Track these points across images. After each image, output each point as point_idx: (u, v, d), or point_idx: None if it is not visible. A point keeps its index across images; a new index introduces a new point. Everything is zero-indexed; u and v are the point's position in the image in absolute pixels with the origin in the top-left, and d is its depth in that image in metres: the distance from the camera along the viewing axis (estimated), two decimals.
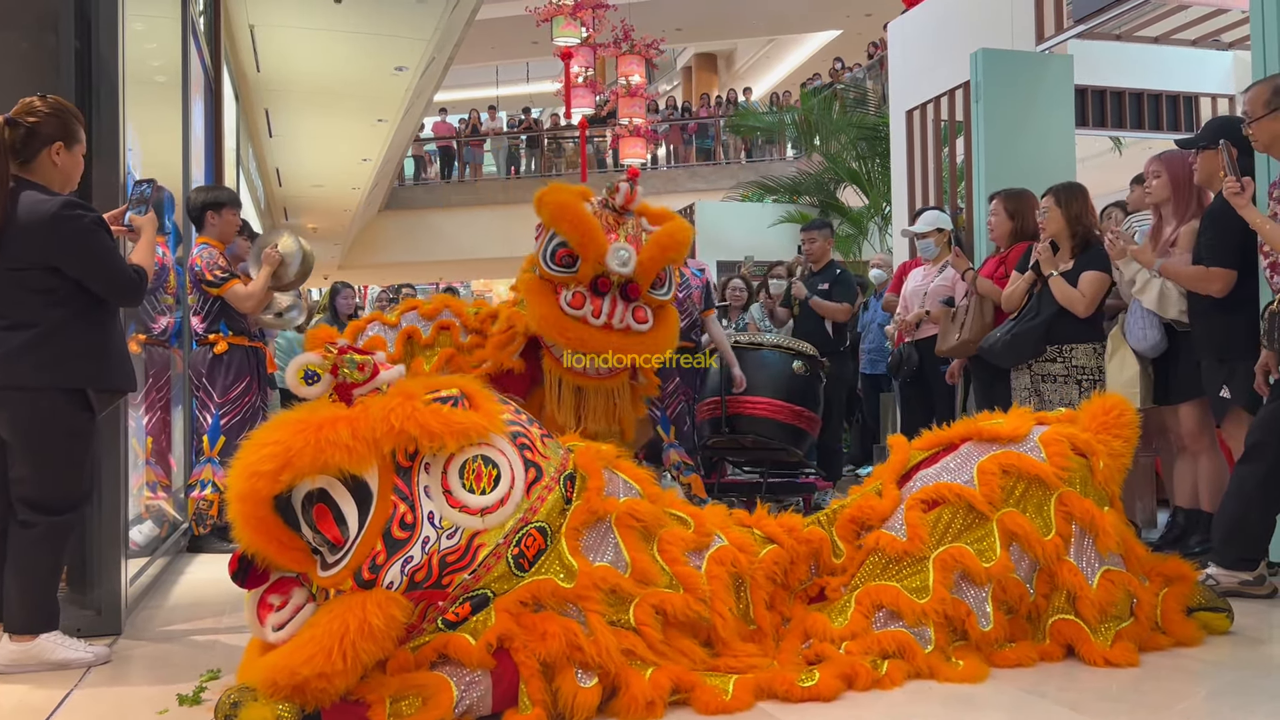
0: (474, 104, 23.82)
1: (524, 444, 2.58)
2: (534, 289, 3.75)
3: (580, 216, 3.69)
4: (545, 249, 3.74)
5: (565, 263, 3.70)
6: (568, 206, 3.71)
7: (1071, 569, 2.80)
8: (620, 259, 3.67)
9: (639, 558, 2.59)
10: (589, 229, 3.69)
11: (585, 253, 3.65)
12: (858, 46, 19.62)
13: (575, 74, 15.48)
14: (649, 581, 2.56)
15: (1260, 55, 4.00)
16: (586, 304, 3.68)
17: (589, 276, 3.69)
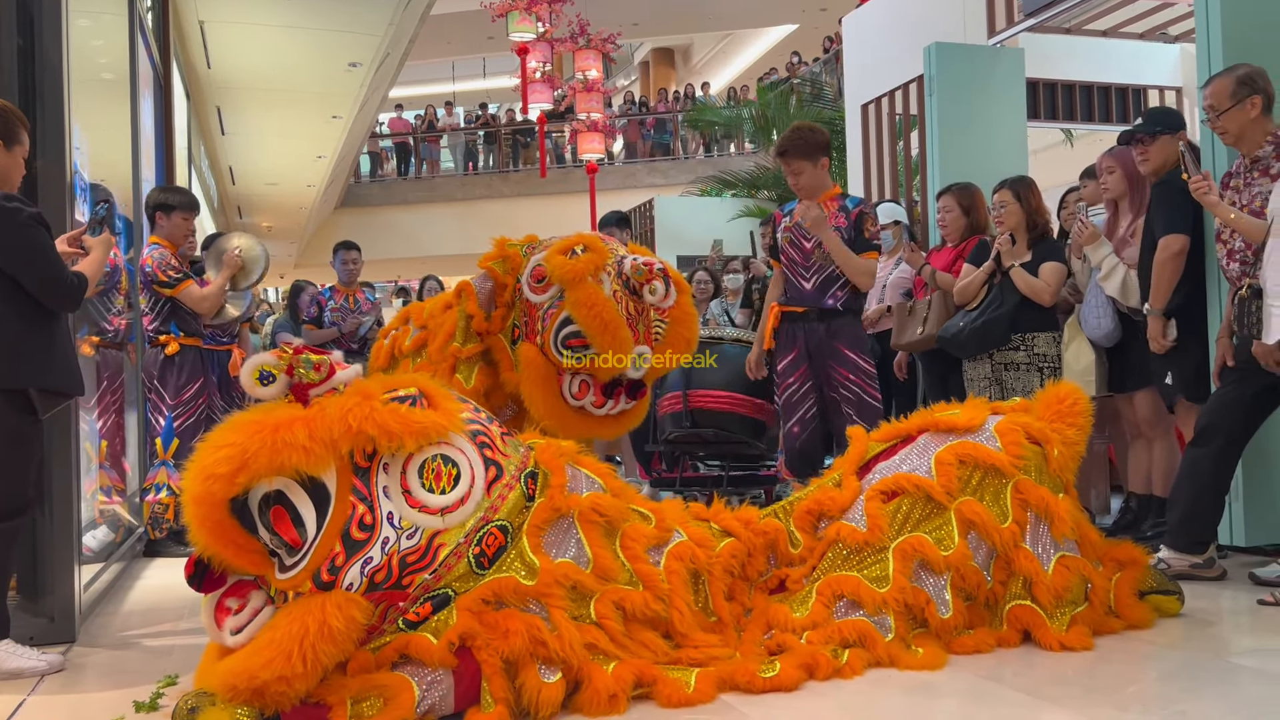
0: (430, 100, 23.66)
1: (484, 442, 2.57)
2: (534, 370, 3.45)
3: (612, 319, 3.31)
4: (557, 333, 3.40)
5: (575, 348, 3.38)
6: (597, 302, 3.31)
7: (1028, 555, 2.84)
8: (638, 366, 3.42)
9: (601, 554, 2.59)
10: (619, 335, 3.33)
11: (610, 370, 3.37)
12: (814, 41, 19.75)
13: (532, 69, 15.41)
14: (610, 578, 2.57)
15: (1205, 48, 4.08)
16: (589, 395, 3.47)
17: (604, 378, 3.44)
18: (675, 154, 20.69)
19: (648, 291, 3.38)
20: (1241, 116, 3.48)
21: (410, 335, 4.11)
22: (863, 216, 4.24)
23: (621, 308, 3.36)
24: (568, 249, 3.42)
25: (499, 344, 3.62)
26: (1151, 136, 3.94)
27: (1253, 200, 3.48)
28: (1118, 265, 4.14)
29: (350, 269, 6.62)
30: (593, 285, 3.33)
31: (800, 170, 4.26)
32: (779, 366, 4.40)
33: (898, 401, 5.49)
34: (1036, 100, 6.73)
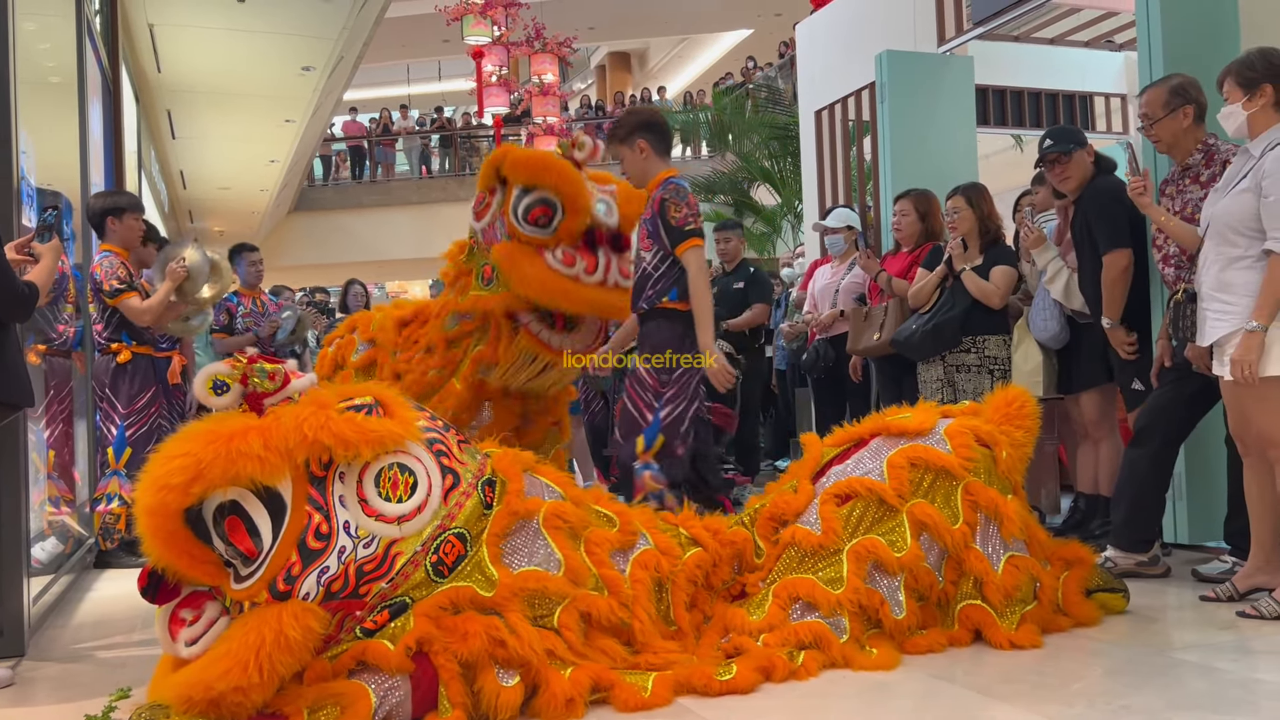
0: (385, 103, 23.48)
1: (441, 450, 2.57)
2: (516, 254, 3.53)
3: (565, 168, 3.49)
4: (517, 209, 3.52)
5: (541, 222, 3.51)
6: (548, 160, 3.52)
7: (978, 556, 2.90)
8: (604, 209, 3.53)
9: (571, 556, 2.61)
10: (575, 180, 3.49)
11: (576, 204, 3.48)
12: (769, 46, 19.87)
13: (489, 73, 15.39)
14: (581, 581, 2.58)
15: (1146, 56, 4.18)
16: (578, 262, 3.53)
17: (578, 231, 3.53)
18: None
19: (576, 151, 3.62)
20: (1174, 125, 3.57)
21: (357, 348, 4.12)
22: (664, 205, 3.69)
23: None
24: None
25: (481, 301, 3.70)
26: (1067, 155, 4.01)
27: (1185, 207, 3.57)
28: (1062, 269, 4.22)
29: (253, 272, 6.51)
30: (542, 152, 3.59)
31: (620, 157, 3.92)
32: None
33: (852, 404, 5.56)
34: (986, 107, 6.84)
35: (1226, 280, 3.14)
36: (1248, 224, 3.08)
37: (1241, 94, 3.15)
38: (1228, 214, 3.14)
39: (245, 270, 6.44)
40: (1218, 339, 3.16)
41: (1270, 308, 3.00)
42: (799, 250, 8.20)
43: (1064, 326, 4.30)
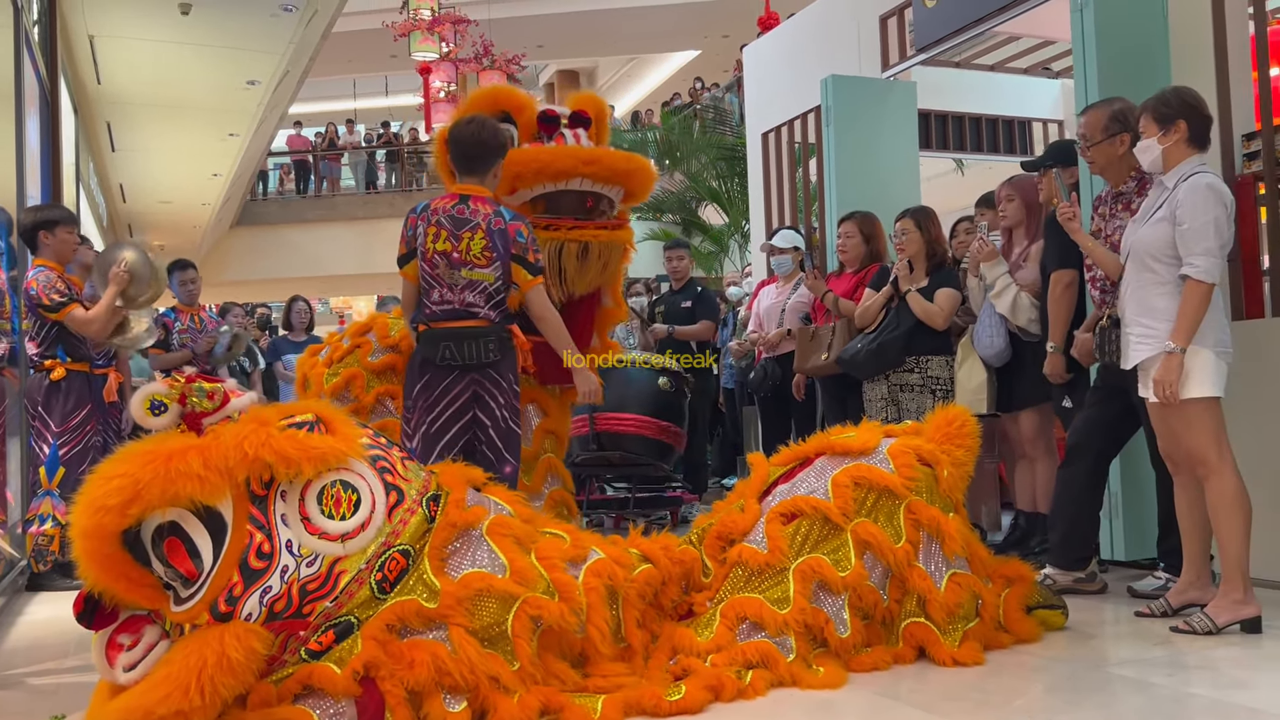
0: (331, 117, 23.27)
1: (384, 467, 2.55)
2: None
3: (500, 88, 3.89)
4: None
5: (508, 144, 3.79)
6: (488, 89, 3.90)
7: (921, 574, 2.94)
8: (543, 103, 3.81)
9: (516, 559, 2.58)
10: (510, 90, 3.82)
11: (520, 104, 3.79)
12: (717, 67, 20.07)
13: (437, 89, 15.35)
14: (528, 583, 2.55)
15: (1082, 83, 4.30)
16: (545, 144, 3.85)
17: (533, 124, 3.75)
18: None
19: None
20: (1110, 150, 3.67)
21: (374, 351, 4.12)
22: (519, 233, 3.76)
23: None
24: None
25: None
26: (1043, 170, 4.13)
27: (1114, 233, 3.66)
28: (1010, 285, 4.32)
29: (189, 289, 6.36)
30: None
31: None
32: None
33: (798, 423, 5.60)
34: (928, 131, 6.97)
35: (1147, 305, 3.24)
36: (1165, 252, 3.19)
37: (1157, 129, 3.26)
38: (1146, 243, 3.25)
39: (179, 288, 6.32)
40: (1140, 362, 3.26)
41: (1187, 330, 3.10)
42: (746, 270, 8.27)
43: (1008, 344, 4.39)
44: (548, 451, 4.20)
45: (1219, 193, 3.15)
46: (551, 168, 3.84)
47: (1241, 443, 3.76)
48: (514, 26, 18.73)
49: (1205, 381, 3.14)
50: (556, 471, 4.20)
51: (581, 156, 3.89)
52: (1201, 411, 3.15)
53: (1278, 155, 3.87)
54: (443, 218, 3.60)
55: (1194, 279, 3.10)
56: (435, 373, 3.58)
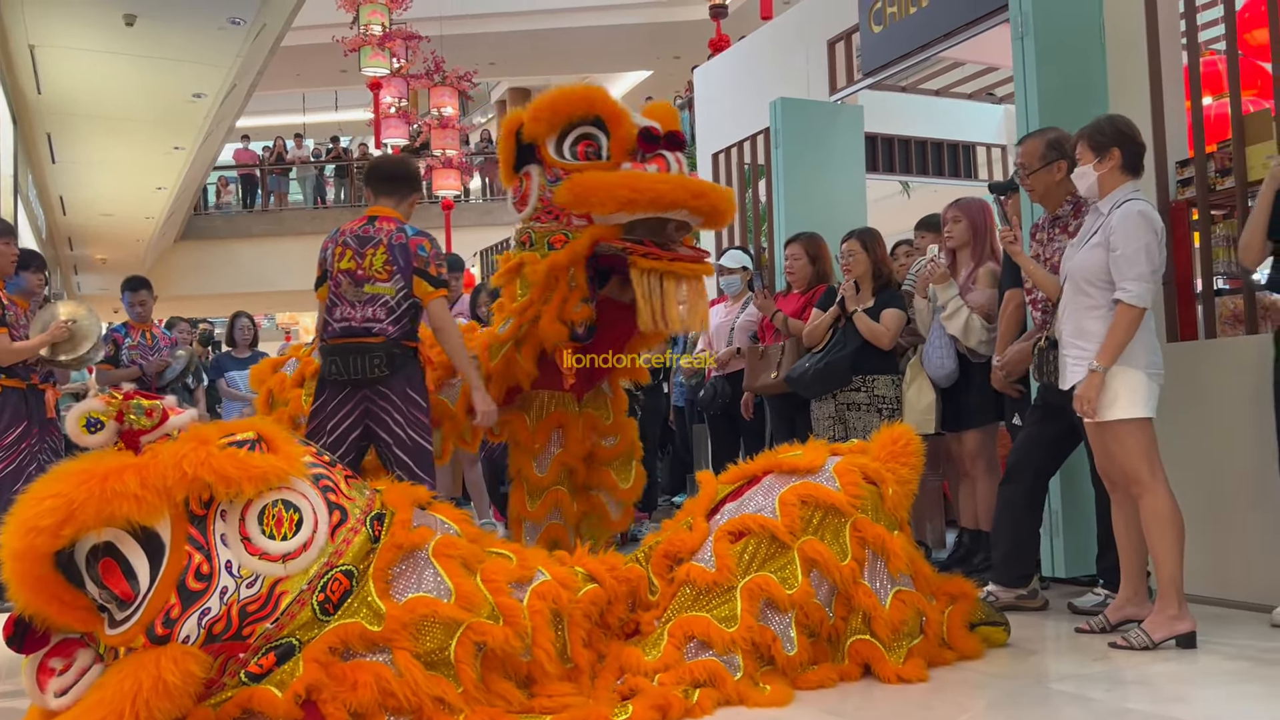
0: (279, 131, 23.03)
1: (327, 486, 2.52)
2: (585, 178, 3.56)
3: (579, 92, 3.61)
4: (563, 147, 3.61)
5: (591, 153, 3.59)
6: (559, 95, 3.60)
7: (866, 591, 2.96)
8: (641, 118, 3.60)
9: (462, 583, 2.56)
10: (597, 94, 3.59)
11: (613, 115, 3.56)
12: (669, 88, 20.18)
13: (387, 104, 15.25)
14: (473, 607, 2.53)
15: (1023, 109, 4.39)
16: (649, 169, 3.60)
17: (630, 141, 3.57)
18: None
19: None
20: (1048, 178, 3.77)
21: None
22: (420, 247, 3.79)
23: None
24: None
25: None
26: (1006, 193, 4.23)
27: (1053, 255, 3.76)
28: (962, 307, 4.39)
29: (138, 310, 6.27)
30: (527, 106, 3.75)
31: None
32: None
33: (747, 442, 5.63)
34: (875, 154, 7.08)
35: (1083, 328, 3.32)
36: (1100, 276, 3.27)
37: (1093, 156, 3.35)
38: (1082, 267, 3.33)
39: (130, 307, 6.22)
40: (1075, 383, 3.33)
41: (1112, 351, 3.19)
42: None
43: (957, 365, 4.46)
44: (560, 484, 4.03)
45: (1150, 219, 3.24)
46: (664, 199, 3.58)
47: (1176, 461, 3.85)
48: (466, 43, 18.72)
49: (1137, 402, 3.21)
50: (563, 507, 4.03)
51: (691, 189, 3.63)
52: (1134, 431, 3.22)
53: (1210, 182, 3.99)
54: (349, 238, 3.69)
55: (1125, 303, 3.18)
56: (329, 389, 3.64)
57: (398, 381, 3.62)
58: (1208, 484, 3.83)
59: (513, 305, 3.78)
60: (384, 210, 3.74)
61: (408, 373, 3.65)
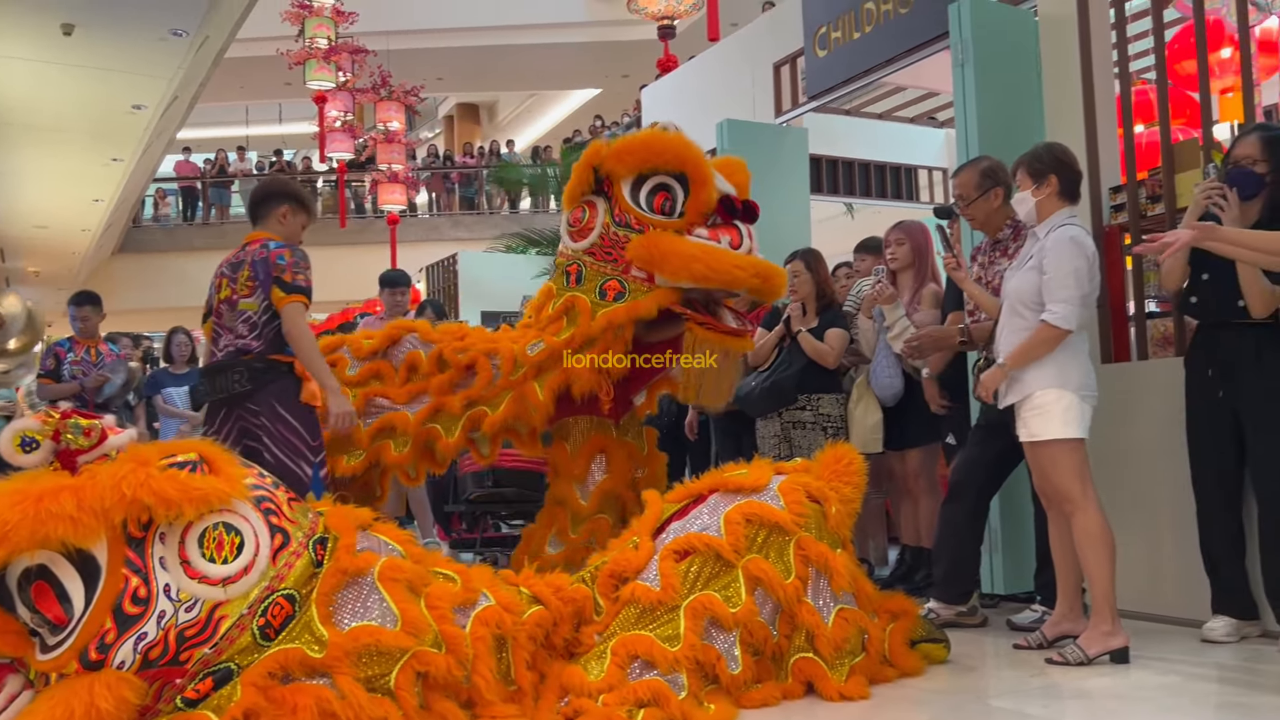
0: (221, 143, 22.71)
1: (269, 509, 2.49)
2: (658, 239, 3.49)
3: (675, 142, 3.51)
4: (640, 196, 3.54)
5: (666, 208, 3.52)
6: (653, 140, 3.51)
7: (810, 609, 2.99)
8: (719, 179, 3.52)
9: (408, 609, 2.54)
10: (690, 150, 3.50)
11: (699, 175, 3.49)
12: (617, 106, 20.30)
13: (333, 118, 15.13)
14: (420, 635, 2.51)
15: (963, 133, 4.50)
16: (722, 238, 3.53)
17: (709, 205, 3.49)
18: (480, 209, 20.68)
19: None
20: (986, 206, 3.88)
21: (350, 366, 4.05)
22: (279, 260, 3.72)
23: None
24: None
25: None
26: (949, 217, 4.32)
27: (994, 278, 3.86)
28: (909, 327, 4.47)
29: (82, 325, 6.18)
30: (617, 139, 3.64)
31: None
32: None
33: (693, 460, 5.65)
34: (819, 175, 7.18)
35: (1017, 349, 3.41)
36: (1033, 298, 3.37)
37: (1031, 183, 3.45)
38: (1017, 290, 3.44)
39: (75, 322, 6.10)
40: (1011, 402, 3.41)
41: (1021, 356, 3.33)
42: None
43: (904, 383, 4.54)
44: (602, 512, 3.96)
45: (1081, 245, 3.34)
46: (737, 282, 3.60)
47: (1110, 479, 3.95)
48: (413, 58, 18.65)
49: (1070, 423, 3.30)
50: (599, 537, 3.83)
51: (761, 273, 3.65)
52: (1067, 452, 3.31)
53: (1141, 208, 4.11)
54: (225, 268, 3.77)
55: (1049, 323, 3.29)
56: (208, 412, 3.73)
57: (265, 398, 3.58)
58: (1140, 502, 3.93)
59: (553, 338, 3.70)
60: (255, 234, 3.80)
61: (277, 389, 3.59)
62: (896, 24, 5.36)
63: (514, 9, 19.23)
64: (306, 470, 3.57)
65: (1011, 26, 4.53)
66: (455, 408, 3.86)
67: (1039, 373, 3.33)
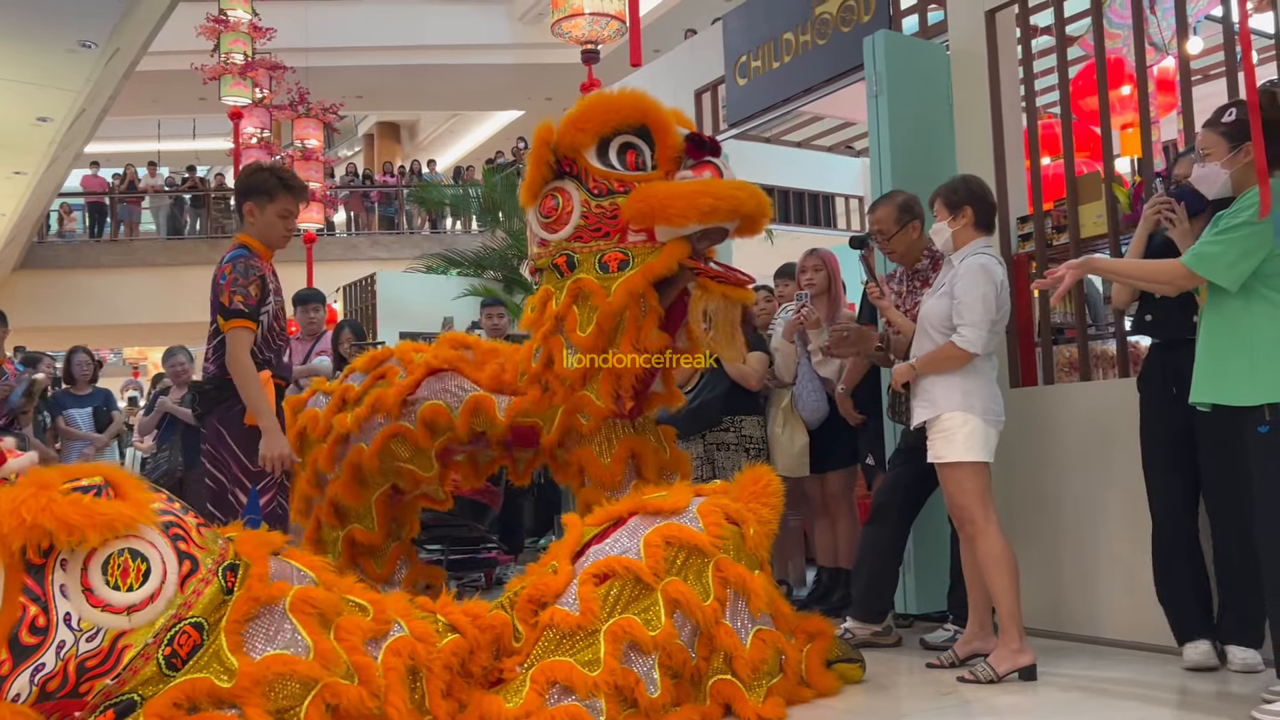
0: (132, 158, 22.12)
1: (178, 534, 2.42)
2: (651, 190, 3.35)
3: (624, 98, 3.45)
4: (609, 160, 3.43)
5: (639, 165, 3.42)
6: (599, 103, 3.43)
7: (728, 631, 3.01)
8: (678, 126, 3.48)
9: (321, 641, 2.49)
10: (642, 100, 3.42)
11: (659, 124, 3.41)
12: None
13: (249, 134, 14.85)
14: (332, 666, 2.47)
15: (877, 163, 4.60)
16: (704, 174, 3.42)
17: (677, 150, 3.41)
18: (400, 228, 20.47)
19: None
20: (905, 239, 4.00)
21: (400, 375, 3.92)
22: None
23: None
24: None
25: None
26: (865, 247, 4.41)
27: (913, 307, 3.96)
28: None
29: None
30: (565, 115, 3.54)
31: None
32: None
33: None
34: None
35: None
36: (944, 323, 3.49)
37: (948, 213, 3.57)
38: (929, 315, 3.55)
39: None
40: (922, 422, 3.51)
41: (925, 364, 3.47)
42: None
43: (828, 406, 4.62)
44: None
45: (990, 272, 3.46)
46: (744, 207, 3.44)
47: (1018, 500, 4.07)
48: (333, 76, 18.43)
49: (974, 446, 3.40)
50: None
51: (753, 193, 3.50)
52: (970, 474, 3.40)
53: (1047, 237, 4.26)
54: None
55: (955, 344, 3.41)
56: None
57: (210, 419, 3.51)
58: (1047, 522, 4.05)
59: (580, 335, 3.46)
60: (235, 238, 3.65)
61: (222, 411, 3.49)
62: (814, 55, 5.47)
63: (437, 29, 19.16)
64: (241, 496, 3.45)
65: (924, 60, 4.67)
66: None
67: (947, 395, 3.43)
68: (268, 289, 3.53)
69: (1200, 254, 2.88)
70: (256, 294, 3.46)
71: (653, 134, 3.46)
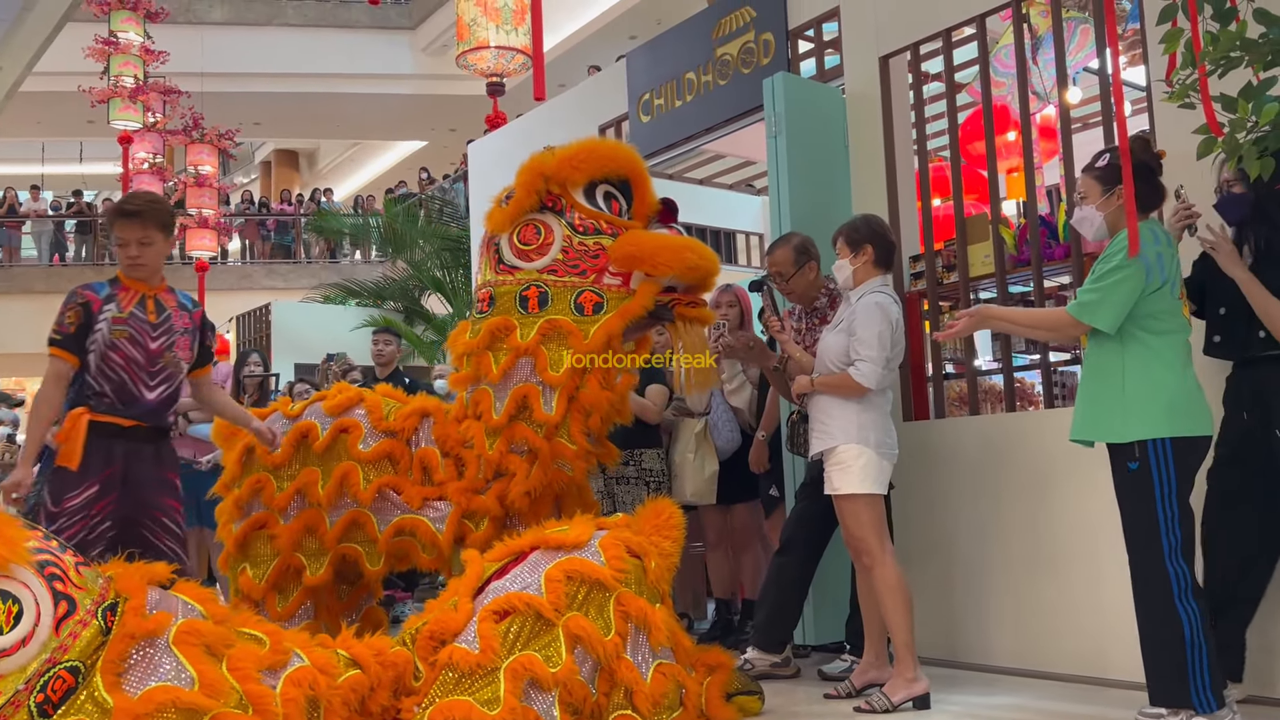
0: (12, 181, 21.21)
1: (54, 574, 2.30)
2: (643, 238, 3.49)
3: (619, 151, 3.62)
4: (596, 200, 3.55)
5: (620, 212, 3.55)
6: (602, 149, 3.58)
7: (629, 666, 2.99)
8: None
9: (206, 670, 2.38)
10: (631, 157, 3.60)
11: (641, 180, 3.57)
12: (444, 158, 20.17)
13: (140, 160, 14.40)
14: (219, 695, 2.36)
15: (776, 201, 4.70)
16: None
17: (655, 206, 3.57)
18: (297, 257, 20.04)
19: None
20: (803, 280, 4.10)
21: (365, 438, 3.77)
22: (206, 324, 3.73)
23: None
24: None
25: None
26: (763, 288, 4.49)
27: (812, 344, 4.05)
28: (745, 382, 4.61)
29: None
30: (560, 149, 3.67)
31: (151, 240, 3.53)
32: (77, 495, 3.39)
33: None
34: None
35: (824, 404, 3.61)
36: (842, 358, 3.58)
37: (849, 251, 3.67)
38: (828, 349, 3.64)
39: None
40: (819, 452, 3.59)
41: (826, 386, 3.57)
42: None
43: (740, 436, 4.67)
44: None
45: (886, 310, 3.55)
46: (711, 263, 3.61)
47: (912, 529, 4.17)
48: (230, 102, 18.04)
49: (868, 479, 3.48)
50: None
51: (714, 259, 3.65)
52: (864, 506, 3.48)
53: (937, 276, 4.40)
54: None
55: (851, 376, 3.50)
56: None
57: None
58: (941, 550, 4.15)
59: (551, 375, 3.45)
60: None
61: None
62: (715, 95, 5.58)
63: (339, 58, 18.93)
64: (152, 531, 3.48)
65: (821, 102, 4.80)
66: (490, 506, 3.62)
67: (844, 428, 3.51)
68: (91, 318, 3.45)
69: (1082, 303, 3.01)
70: (73, 322, 3.43)
71: (634, 189, 3.62)
